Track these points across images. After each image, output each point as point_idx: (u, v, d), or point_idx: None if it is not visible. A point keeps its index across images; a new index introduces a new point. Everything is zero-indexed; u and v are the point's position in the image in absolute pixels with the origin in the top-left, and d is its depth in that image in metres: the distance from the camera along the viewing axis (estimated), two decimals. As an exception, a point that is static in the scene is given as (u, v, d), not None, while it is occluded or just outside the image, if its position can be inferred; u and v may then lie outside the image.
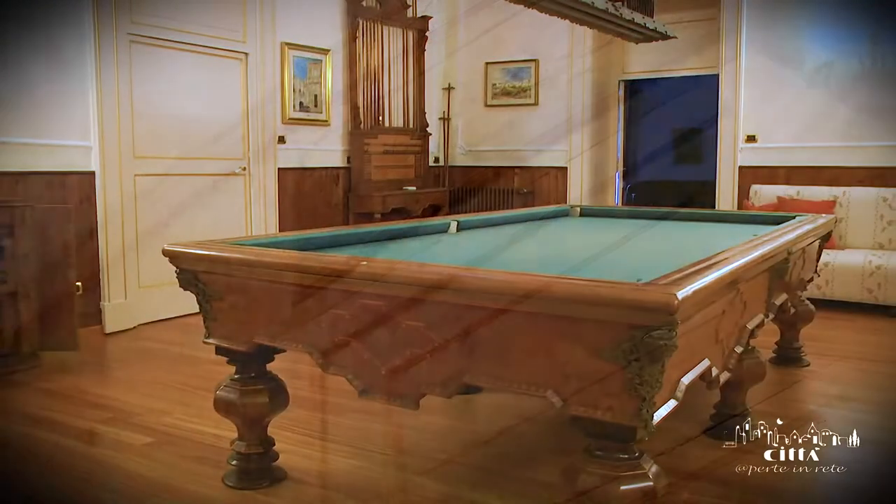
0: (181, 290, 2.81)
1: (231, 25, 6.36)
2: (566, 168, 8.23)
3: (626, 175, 9.30)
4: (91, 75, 5.39)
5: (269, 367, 2.87)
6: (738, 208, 7.03)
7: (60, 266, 4.77)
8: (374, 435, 3.40)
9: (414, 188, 7.96)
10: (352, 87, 7.48)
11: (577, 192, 8.17)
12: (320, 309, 2.38)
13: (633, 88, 9.13)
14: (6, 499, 2.83)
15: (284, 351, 2.67)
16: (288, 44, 6.84)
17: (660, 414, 1.94)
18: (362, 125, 7.53)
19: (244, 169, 6.58)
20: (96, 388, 4.26)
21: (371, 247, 3.09)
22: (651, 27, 4.63)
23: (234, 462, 2.89)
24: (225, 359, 2.83)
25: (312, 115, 7.18)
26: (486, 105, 8.63)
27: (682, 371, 2.10)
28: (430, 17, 8.23)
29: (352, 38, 7.42)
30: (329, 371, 2.42)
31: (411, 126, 8.17)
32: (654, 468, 1.97)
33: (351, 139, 7.53)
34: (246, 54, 6.50)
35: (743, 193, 7.19)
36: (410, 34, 8.09)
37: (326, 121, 7.32)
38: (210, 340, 2.80)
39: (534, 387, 2.02)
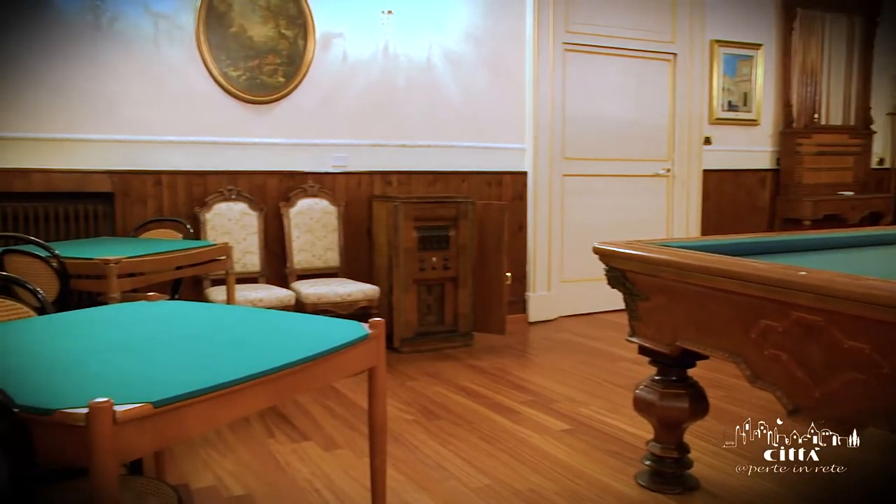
0: (601, 286, 2.91)
1: (659, 27, 6.39)
2: None
3: None
4: (529, 84, 5.83)
5: (689, 372, 2.84)
6: None
7: (494, 257, 5.24)
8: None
9: (851, 193, 7.25)
10: (785, 83, 7.04)
11: None
12: (750, 318, 2.28)
13: None
14: (443, 453, 3.19)
15: (707, 357, 2.61)
16: (717, 41, 6.66)
17: None
18: (794, 124, 7.07)
19: (668, 170, 6.57)
20: (519, 371, 4.61)
21: (803, 256, 2.89)
22: None
23: (647, 462, 2.92)
24: (644, 358, 2.87)
25: (741, 115, 6.91)
26: (950, 97, 7.52)
27: None
28: None
29: (787, 30, 6.98)
30: (756, 385, 2.31)
31: (851, 124, 7.44)
32: None
33: (781, 139, 7.10)
34: (674, 55, 6.47)
35: None
36: (856, 20, 7.36)
37: (755, 120, 6.99)
38: (634, 339, 2.85)
39: None
